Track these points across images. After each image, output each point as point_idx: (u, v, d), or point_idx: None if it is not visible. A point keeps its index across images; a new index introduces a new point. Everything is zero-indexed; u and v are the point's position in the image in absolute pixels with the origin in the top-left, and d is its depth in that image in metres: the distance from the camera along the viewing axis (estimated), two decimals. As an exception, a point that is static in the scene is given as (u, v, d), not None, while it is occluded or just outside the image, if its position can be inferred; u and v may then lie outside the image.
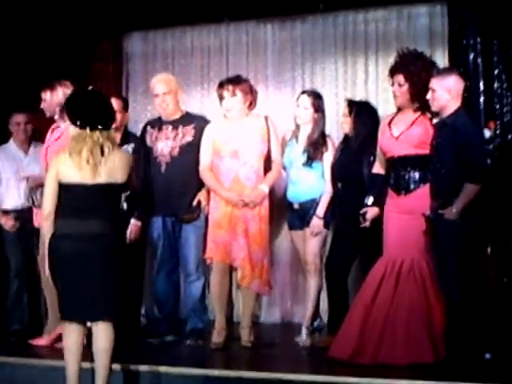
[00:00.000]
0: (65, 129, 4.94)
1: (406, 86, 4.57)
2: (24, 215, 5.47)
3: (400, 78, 4.58)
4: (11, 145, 5.83)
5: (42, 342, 5.16)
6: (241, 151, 5.02)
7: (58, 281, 4.02)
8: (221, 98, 5.11)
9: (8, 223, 5.56)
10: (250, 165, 5.04)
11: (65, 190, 3.97)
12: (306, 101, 5.23)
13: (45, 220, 4.03)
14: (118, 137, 5.29)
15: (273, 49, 6.45)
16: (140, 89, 6.64)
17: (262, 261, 5.02)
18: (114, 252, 4.01)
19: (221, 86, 5.13)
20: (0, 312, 5.72)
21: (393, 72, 4.66)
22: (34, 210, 5.22)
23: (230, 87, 5.06)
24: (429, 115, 4.59)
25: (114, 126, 4.56)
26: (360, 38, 6.25)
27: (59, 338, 4.62)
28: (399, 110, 4.70)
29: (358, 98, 5.54)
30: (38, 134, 5.77)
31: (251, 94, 5.16)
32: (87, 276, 3.93)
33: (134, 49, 6.85)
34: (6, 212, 5.63)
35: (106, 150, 3.97)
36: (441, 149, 4.34)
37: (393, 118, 4.72)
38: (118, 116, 5.22)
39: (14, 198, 5.63)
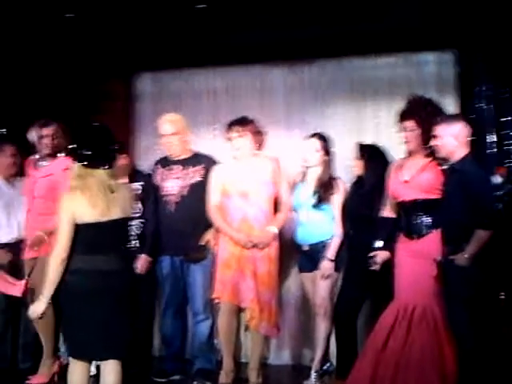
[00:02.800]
0: (56, 166, 4.95)
1: (417, 132, 4.60)
2: (15, 248, 5.38)
3: (411, 123, 4.62)
4: None
5: (41, 379, 5.07)
6: (250, 192, 5.02)
7: (68, 318, 3.95)
8: (229, 139, 5.13)
9: (2, 256, 5.44)
10: (259, 206, 5.03)
11: (79, 228, 3.91)
12: (316, 144, 5.26)
13: (60, 265, 3.90)
14: (126, 177, 5.34)
15: (282, 92, 6.49)
16: (149, 128, 6.63)
17: (271, 302, 4.97)
18: (127, 290, 3.96)
19: (229, 127, 5.15)
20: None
21: (403, 117, 4.69)
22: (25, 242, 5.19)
23: (238, 128, 5.08)
24: (438, 161, 4.60)
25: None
26: (369, 83, 6.30)
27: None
28: (409, 154, 4.72)
29: (367, 142, 5.55)
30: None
31: (259, 135, 5.19)
32: (100, 313, 3.85)
33: (143, 89, 6.90)
34: None
35: (113, 186, 3.96)
36: (450, 195, 4.35)
37: (403, 162, 4.73)
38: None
39: (6, 232, 5.51)
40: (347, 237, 5.10)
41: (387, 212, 4.79)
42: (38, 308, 3.93)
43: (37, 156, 5.35)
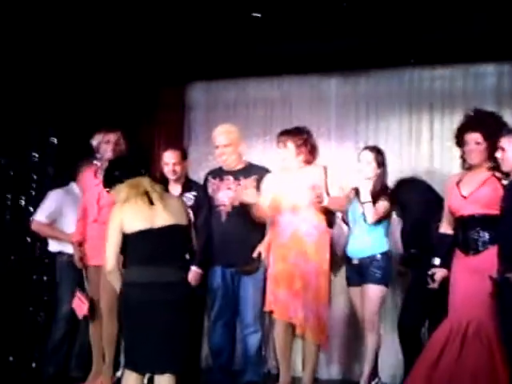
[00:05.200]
0: None
1: (484, 145, 4.48)
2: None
3: (477, 136, 4.49)
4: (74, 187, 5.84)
5: None
6: (299, 206, 4.94)
7: (126, 329, 3.94)
8: (281, 147, 5.09)
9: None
10: (310, 220, 4.96)
11: (129, 239, 3.92)
12: (369, 156, 5.21)
13: (109, 274, 3.96)
14: (179, 186, 5.35)
15: (336, 103, 6.45)
16: (201, 138, 6.65)
17: (323, 316, 4.91)
18: (185, 302, 3.93)
19: (282, 135, 5.12)
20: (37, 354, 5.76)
21: (467, 130, 4.56)
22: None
23: (283, 138, 5.05)
24: (499, 175, 4.48)
25: (174, 177, 4.60)
26: (425, 96, 6.21)
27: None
28: (468, 168, 4.61)
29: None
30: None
31: (305, 147, 5.09)
32: (157, 326, 3.83)
33: (196, 98, 6.92)
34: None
35: (157, 193, 3.96)
36: (509, 211, 4.23)
37: (461, 177, 4.63)
38: (178, 167, 5.27)
39: None
40: (410, 254, 5.09)
41: (444, 228, 4.68)
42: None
43: (98, 163, 5.35)
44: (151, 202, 3.94)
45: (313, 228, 4.95)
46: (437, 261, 4.60)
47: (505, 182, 4.41)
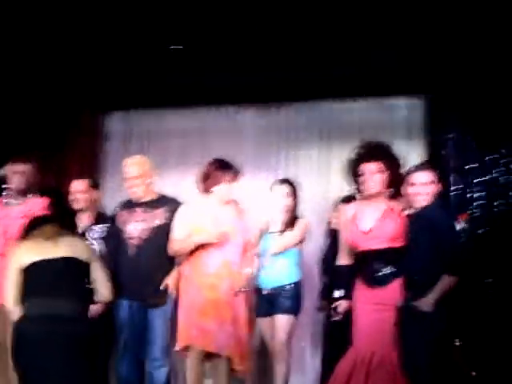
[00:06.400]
0: (32, 205, 4.98)
1: (384, 174, 4.46)
2: None
3: (378, 165, 4.45)
4: None
5: None
6: (227, 236, 4.89)
7: (21, 370, 3.81)
8: (217, 181, 4.96)
9: None
10: (237, 249, 4.94)
11: (26, 271, 3.85)
12: (282, 189, 5.26)
13: (12, 313, 3.87)
14: (89, 217, 5.27)
15: (251, 134, 6.49)
16: (118, 168, 6.56)
17: (248, 346, 4.91)
18: (83, 337, 3.84)
19: (222, 169, 4.98)
20: None
21: (365, 159, 4.50)
22: None
23: (234, 173, 4.99)
24: (398, 206, 4.51)
25: (78, 207, 4.54)
26: (340, 127, 6.30)
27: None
28: (365, 198, 4.56)
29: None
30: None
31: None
32: (53, 364, 3.73)
33: (114, 128, 6.87)
34: None
35: (56, 228, 3.96)
36: (416, 241, 4.30)
37: (357, 209, 4.58)
38: (82, 197, 5.20)
39: None
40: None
41: (343, 260, 4.64)
42: None
43: (5, 193, 5.24)
44: (48, 237, 3.89)
45: (238, 257, 4.94)
46: (338, 293, 4.59)
47: (405, 212, 4.47)
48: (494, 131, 5.47)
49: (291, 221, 5.22)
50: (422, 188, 4.35)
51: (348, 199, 5.01)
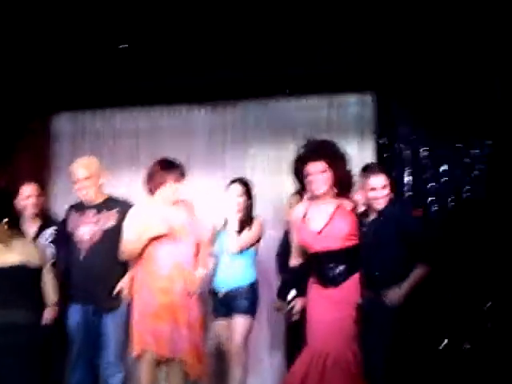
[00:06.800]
0: None
1: (328, 173, 4.42)
2: None
3: (321, 164, 4.40)
4: None
5: None
6: (179, 236, 4.84)
7: None
8: (162, 182, 4.89)
9: None
10: (188, 250, 4.88)
11: None
12: (237, 188, 5.23)
13: None
14: (39, 221, 5.17)
15: (203, 133, 6.45)
16: (67, 169, 6.46)
17: (203, 349, 4.87)
18: (35, 345, 3.76)
19: (166, 169, 4.91)
20: None
21: (308, 160, 4.44)
22: None
23: (179, 173, 4.91)
24: (350, 204, 4.51)
25: (29, 211, 4.43)
26: (291, 125, 6.28)
27: None
28: (311, 198, 4.54)
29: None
30: None
31: (183, 178, 5.05)
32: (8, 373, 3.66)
33: (61, 129, 6.77)
34: None
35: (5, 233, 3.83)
36: (380, 239, 4.36)
37: (307, 209, 4.56)
38: (35, 200, 5.09)
39: None
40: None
41: (296, 260, 4.63)
42: None
43: None
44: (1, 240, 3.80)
45: (191, 258, 4.88)
46: (292, 293, 4.59)
47: (356, 210, 4.53)
48: (446, 126, 5.50)
49: (247, 220, 5.20)
50: (380, 191, 4.45)
51: (299, 192, 4.93)
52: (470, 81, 5.40)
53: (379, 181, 4.49)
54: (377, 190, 4.47)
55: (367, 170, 4.77)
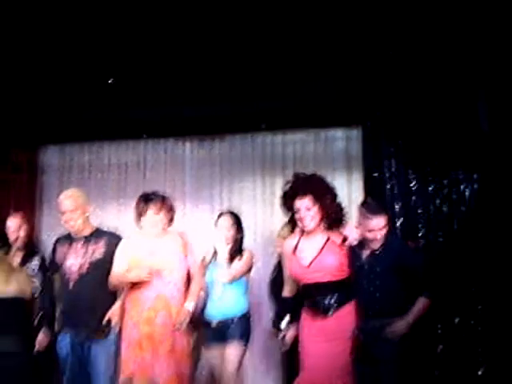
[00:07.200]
0: None
1: (314, 209, 4.43)
2: None
3: (307, 200, 4.42)
4: None
5: None
6: (163, 270, 4.83)
7: None
8: (142, 213, 4.93)
9: None
10: (174, 283, 4.86)
11: None
12: (227, 221, 5.24)
13: None
14: (26, 252, 5.14)
15: (191, 166, 6.49)
16: (55, 202, 6.44)
17: (186, 376, 4.79)
18: (24, 374, 3.72)
19: (145, 201, 4.93)
20: None
21: (295, 196, 4.46)
22: None
23: (158, 204, 4.91)
24: (339, 237, 4.51)
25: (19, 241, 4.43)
26: (278, 159, 6.35)
27: None
28: (302, 233, 4.55)
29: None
30: None
31: (172, 211, 5.05)
32: None
33: (49, 161, 6.79)
34: None
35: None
36: (378, 272, 4.36)
37: (297, 241, 4.57)
38: (20, 232, 5.16)
39: None
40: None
41: (288, 292, 4.66)
42: None
43: None
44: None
45: (176, 291, 4.87)
46: (284, 323, 4.58)
47: (346, 244, 4.50)
48: (433, 160, 5.56)
49: (237, 251, 5.21)
50: (379, 232, 4.41)
51: (290, 221, 4.90)
52: (457, 114, 5.46)
53: (380, 222, 4.42)
54: (376, 231, 4.42)
55: (367, 208, 4.55)
